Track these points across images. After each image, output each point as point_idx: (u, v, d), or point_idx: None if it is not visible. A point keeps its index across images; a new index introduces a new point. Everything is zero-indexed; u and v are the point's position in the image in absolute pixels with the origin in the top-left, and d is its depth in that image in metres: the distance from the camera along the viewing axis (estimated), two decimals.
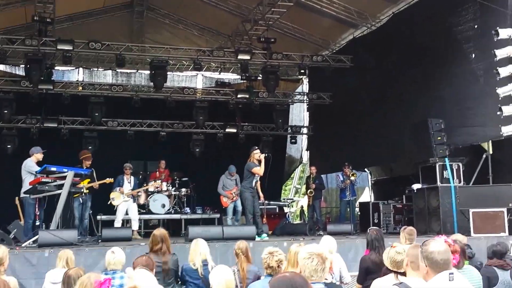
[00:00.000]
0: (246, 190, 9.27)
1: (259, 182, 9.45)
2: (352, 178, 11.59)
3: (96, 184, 9.43)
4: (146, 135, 14.00)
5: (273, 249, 4.44)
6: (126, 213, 10.31)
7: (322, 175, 13.30)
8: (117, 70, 14.34)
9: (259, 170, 9.13)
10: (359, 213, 13.04)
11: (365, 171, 16.25)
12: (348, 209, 11.93)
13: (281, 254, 4.44)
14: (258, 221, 9.22)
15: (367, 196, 16.26)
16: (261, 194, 9.47)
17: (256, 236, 8.93)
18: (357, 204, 14.06)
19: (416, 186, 10.43)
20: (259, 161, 9.20)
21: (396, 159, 12.73)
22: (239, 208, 10.70)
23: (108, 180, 9.72)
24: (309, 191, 12.09)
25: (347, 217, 12.28)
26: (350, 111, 13.90)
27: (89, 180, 9.39)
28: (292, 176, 18.73)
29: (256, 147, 9.44)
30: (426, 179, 10.21)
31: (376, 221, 11.65)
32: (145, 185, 11.57)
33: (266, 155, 9.23)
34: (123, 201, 10.25)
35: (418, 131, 10.45)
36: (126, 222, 10.84)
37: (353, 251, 8.11)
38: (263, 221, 11.43)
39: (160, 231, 5.44)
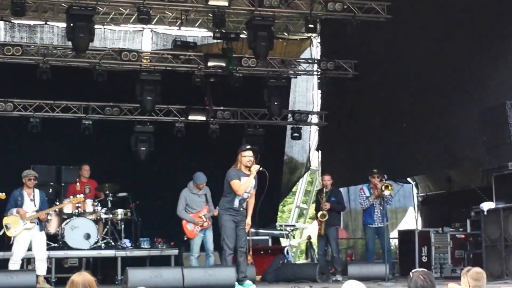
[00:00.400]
0: (224, 212, 9.36)
1: (251, 201, 9.50)
2: (386, 192, 11.59)
3: None
4: (61, 125, 14.07)
5: None
6: (29, 248, 10.30)
7: (341, 189, 13.35)
8: (13, 21, 14.23)
9: (238, 186, 9.17)
10: (398, 247, 13.09)
11: (408, 183, 16.34)
12: (378, 240, 12.07)
13: None
14: (241, 260, 9.34)
15: (410, 221, 16.38)
16: (248, 220, 9.51)
17: (237, 284, 9.08)
18: (394, 233, 14.08)
19: (487, 206, 10.49)
20: (249, 170, 9.27)
21: (456, 164, 12.90)
22: (210, 240, 10.86)
23: None
24: (320, 213, 12.14)
25: (378, 254, 12.26)
26: (385, 90, 14.00)
27: None
28: (294, 190, 18.76)
29: (247, 147, 9.53)
30: (502, 195, 10.27)
31: (424, 259, 11.73)
32: (57, 203, 11.60)
33: (261, 169, 9.35)
34: (24, 230, 10.22)
35: (489, 122, 10.52)
36: (28, 263, 10.89)
37: None
38: (248, 260, 11.52)
39: (82, 277, 5.29)
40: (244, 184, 9.17)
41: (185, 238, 11.23)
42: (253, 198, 9.50)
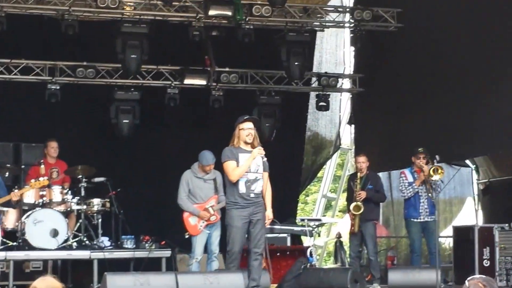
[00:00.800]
0: (230, 206, 9.46)
1: (267, 185, 9.56)
2: (435, 177, 11.61)
3: None
4: (20, 90, 14.05)
5: None
6: None
7: (380, 174, 13.34)
8: None
9: (232, 169, 9.29)
10: (452, 248, 13.07)
11: (467, 166, 16.28)
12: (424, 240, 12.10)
13: None
14: (255, 265, 9.41)
15: (469, 214, 16.41)
16: (268, 212, 9.58)
17: None
18: (448, 230, 14.06)
19: None
20: (252, 147, 9.38)
21: None
22: (216, 240, 11.06)
23: None
24: (353, 205, 12.19)
25: (425, 256, 12.34)
26: (437, 48, 13.99)
27: None
28: (319, 175, 18.73)
29: (245, 117, 9.63)
30: None
31: (486, 263, 11.73)
32: (16, 190, 11.54)
33: (263, 158, 9.41)
34: None
35: None
36: None
37: None
38: (263, 265, 11.57)
39: (46, 284, 5.34)
40: (241, 168, 9.22)
41: (186, 236, 11.37)
42: (268, 184, 9.55)
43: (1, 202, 10.43)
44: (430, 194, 11.86)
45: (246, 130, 9.36)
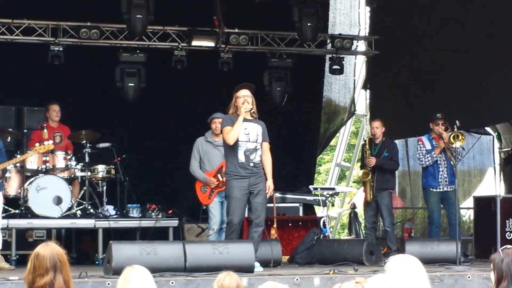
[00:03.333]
0: (230, 177, 9.72)
1: (266, 157, 9.76)
2: (456, 144, 11.55)
3: None
4: (22, 52, 14.02)
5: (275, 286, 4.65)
6: None
7: (397, 141, 13.24)
8: None
9: (227, 133, 9.58)
10: (473, 220, 13.05)
11: (488, 134, 16.18)
12: (444, 211, 12.10)
13: None
14: (255, 237, 9.64)
15: (490, 185, 16.33)
16: (269, 182, 9.79)
17: (256, 265, 9.27)
18: (468, 202, 13.98)
19: None
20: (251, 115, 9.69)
21: None
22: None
23: None
24: (362, 172, 12.36)
25: (445, 228, 12.18)
26: (459, 7, 13.87)
27: None
28: (333, 143, 18.67)
29: (242, 84, 9.84)
30: None
31: (509, 236, 11.70)
32: (18, 155, 11.62)
33: (253, 111, 9.68)
34: None
35: None
36: None
37: None
38: (272, 235, 11.54)
39: (50, 249, 5.39)
40: (233, 129, 9.47)
41: (204, 207, 11.55)
42: (268, 153, 9.79)
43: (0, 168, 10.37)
44: (452, 162, 11.76)
45: (242, 98, 9.61)
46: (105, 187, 12.35)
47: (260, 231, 9.73)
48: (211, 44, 14.59)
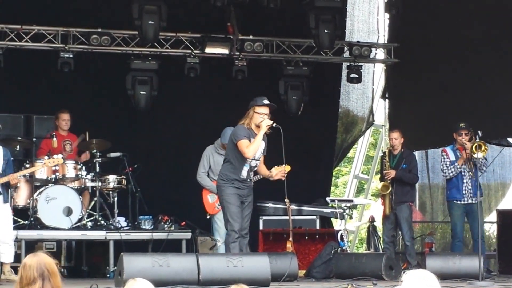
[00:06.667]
0: (227, 184, 9.83)
1: (263, 166, 10.01)
2: (478, 155, 11.49)
3: None
4: (31, 58, 14.03)
5: None
6: None
7: (416, 153, 13.18)
8: None
9: (247, 145, 9.62)
10: (495, 234, 13.00)
11: (510, 145, 16.10)
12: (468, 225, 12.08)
13: None
14: (245, 243, 9.85)
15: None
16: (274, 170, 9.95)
17: None
18: (489, 216, 13.94)
19: None
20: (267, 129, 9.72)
21: None
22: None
23: None
24: (381, 185, 12.36)
25: (467, 243, 12.08)
26: (484, 13, 13.90)
27: None
28: (350, 155, 18.61)
29: (265, 102, 9.83)
30: None
31: None
32: (27, 166, 11.71)
33: (274, 125, 9.74)
34: None
35: None
36: None
37: None
38: (288, 248, 11.53)
39: (37, 260, 5.38)
40: (254, 144, 9.57)
41: (208, 216, 11.66)
42: (263, 165, 10.04)
43: (11, 178, 10.41)
44: (471, 173, 11.70)
45: (262, 115, 9.64)
46: (116, 198, 12.42)
47: (247, 238, 9.92)
48: (225, 51, 14.58)
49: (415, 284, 5.38)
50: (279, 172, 9.95)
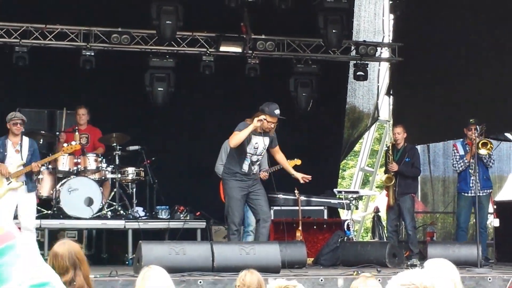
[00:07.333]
0: (229, 177, 9.94)
1: (280, 154, 10.09)
2: (483, 151, 11.52)
3: None
4: (54, 56, 14.05)
5: (287, 283, 4.64)
6: (14, 215, 10.47)
7: (418, 146, 13.23)
8: None
9: (233, 136, 9.83)
10: (493, 225, 13.03)
11: (508, 140, 16.12)
12: (473, 216, 12.01)
13: None
14: (263, 232, 9.91)
15: (510, 189, 16.25)
16: (297, 174, 10.17)
17: None
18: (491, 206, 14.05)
19: None
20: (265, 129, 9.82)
21: None
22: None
23: None
24: (385, 177, 12.34)
25: (469, 232, 12.10)
26: (482, 12, 13.88)
27: None
28: (357, 149, 18.65)
29: (278, 113, 9.87)
30: None
31: None
32: (50, 155, 11.71)
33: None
34: (9, 190, 10.39)
35: None
36: None
37: None
38: (297, 237, 11.58)
39: (67, 248, 5.40)
40: (239, 135, 9.68)
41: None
42: (280, 153, 10.12)
43: (22, 172, 10.46)
44: (471, 170, 11.73)
45: (270, 123, 9.70)
46: (134, 189, 12.41)
47: (268, 226, 9.94)
48: (238, 50, 14.59)
49: (437, 267, 5.56)
50: (303, 177, 10.07)
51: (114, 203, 12.17)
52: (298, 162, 10.26)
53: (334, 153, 16.30)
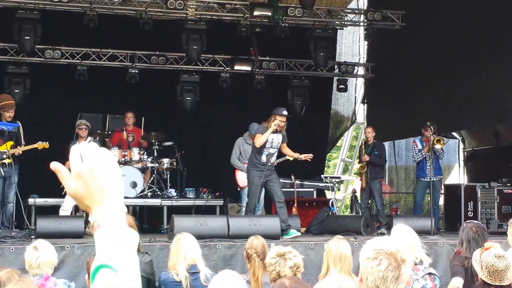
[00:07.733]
0: (251, 167, 9.75)
1: (287, 149, 9.93)
2: (438, 146, 11.49)
3: (18, 150, 9.39)
4: (107, 73, 14.11)
5: (284, 250, 4.64)
6: None
7: (386, 142, 13.23)
8: None
9: (257, 139, 9.59)
10: (444, 202, 13.06)
11: (454, 138, 16.13)
12: (429, 196, 11.92)
13: (297, 256, 4.66)
14: (281, 212, 9.64)
15: (456, 176, 16.24)
16: (300, 156, 10.00)
17: (284, 236, 9.31)
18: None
19: None
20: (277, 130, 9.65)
21: (503, 117, 12.80)
22: (262, 193, 11.03)
23: (41, 144, 9.65)
24: (359, 165, 12.34)
25: (425, 208, 12.16)
26: (433, 42, 13.90)
27: (13, 142, 9.37)
28: (339, 144, 18.64)
29: (285, 113, 9.74)
30: None
31: (470, 214, 11.70)
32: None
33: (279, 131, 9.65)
34: None
35: None
36: (77, 210, 10.93)
37: (432, 261, 8.30)
38: (293, 212, 11.55)
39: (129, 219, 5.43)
40: (261, 137, 9.50)
41: (238, 189, 11.58)
42: (287, 148, 9.93)
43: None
44: (429, 161, 11.69)
45: (278, 121, 9.55)
46: (168, 175, 12.35)
47: (284, 207, 9.86)
48: (248, 68, 14.60)
49: (401, 233, 5.60)
50: (306, 156, 10.03)
51: (153, 186, 12.14)
52: (310, 155, 10.18)
53: (321, 147, 16.25)
